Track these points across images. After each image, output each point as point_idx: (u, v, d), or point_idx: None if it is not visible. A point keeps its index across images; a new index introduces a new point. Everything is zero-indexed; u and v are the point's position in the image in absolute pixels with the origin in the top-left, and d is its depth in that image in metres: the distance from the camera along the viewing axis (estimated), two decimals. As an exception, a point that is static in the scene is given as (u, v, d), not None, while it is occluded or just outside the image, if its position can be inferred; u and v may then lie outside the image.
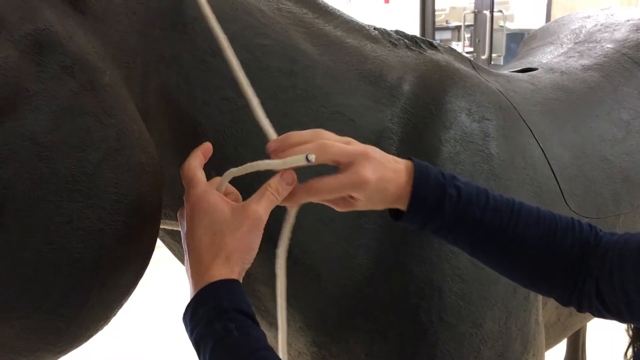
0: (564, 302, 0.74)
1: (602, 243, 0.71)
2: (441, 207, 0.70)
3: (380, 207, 0.72)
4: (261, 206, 0.66)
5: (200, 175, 0.69)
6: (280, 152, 0.68)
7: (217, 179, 0.71)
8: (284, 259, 0.72)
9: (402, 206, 0.71)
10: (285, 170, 0.68)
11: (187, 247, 0.67)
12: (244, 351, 0.59)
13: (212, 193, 0.67)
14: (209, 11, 0.72)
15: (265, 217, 0.66)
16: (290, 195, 0.69)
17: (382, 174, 0.68)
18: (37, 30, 0.56)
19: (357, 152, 0.68)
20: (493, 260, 0.75)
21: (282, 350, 0.72)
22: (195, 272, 0.64)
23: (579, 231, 0.73)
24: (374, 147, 0.70)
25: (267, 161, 0.68)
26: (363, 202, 0.70)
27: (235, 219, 0.65)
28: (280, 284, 0.73)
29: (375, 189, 0.68)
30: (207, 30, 0.74)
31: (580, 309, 0.74)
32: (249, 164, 0.69)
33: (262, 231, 0.67)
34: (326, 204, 0.72)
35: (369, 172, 0.67)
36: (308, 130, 0.70)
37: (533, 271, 0.73)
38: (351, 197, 0.70)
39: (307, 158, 0.65)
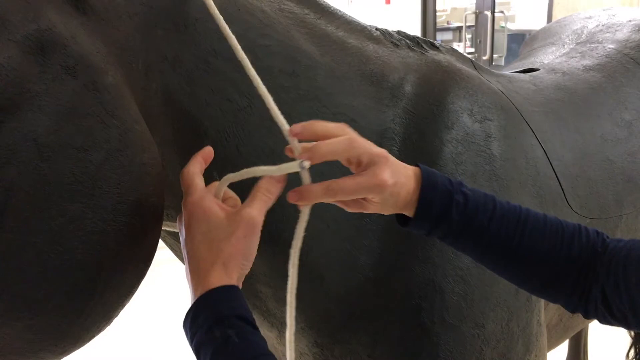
0: (571, 308, 0.74)
1: (609, 249, 0.71)
2: (448, 213, 0.70)
3: (390, 211, 0.72)
4: (254, 209, 0.66)
5: (199, 181, 0.69)
6: (302, 137, 0.68)
7: (215, 184, 0.71)
8: (297, 258, 0.72)
9: (410, 212, 0.71)
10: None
11: (187, 254, 0.67)
12: (244, 357, 0.59)
13: (208, 200, 0.67)
14: (217, 12, 0.71)
15: (260, 220, 0.66)
16: (306, 195, 0.68)
17: (397, 178, 0.68)
18: (39, 31, 0.56)
19: (379, 154, 0.68)
20: (500, 267, 0.74)
21: (289, 349, 0.72)
22: (195, 279, 0.65)
23: (585, 238, 0.72)
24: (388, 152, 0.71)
25: (262, 167, 0.69)
26: (376, 206, 0.70)
27: (230, 225, 0.65)
28: (291, 282, 0.72)
29: (390, 193, 0.68)
30: (210, 30, 0.74)
31: (586, 316, 0.73)
32: (245, 169, 0.69)
33: (259, 234, 0.67)
34: (338, 204, 0.73)
35: (387, 176, 0.67)
36: (333, 123, 0.70)
37: (540, 278, 0.73)
38: (364, 199, 0.70)
39: (301, 165, 0.65)
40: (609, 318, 0.71)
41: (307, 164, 0.65)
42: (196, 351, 0.61)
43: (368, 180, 0.67)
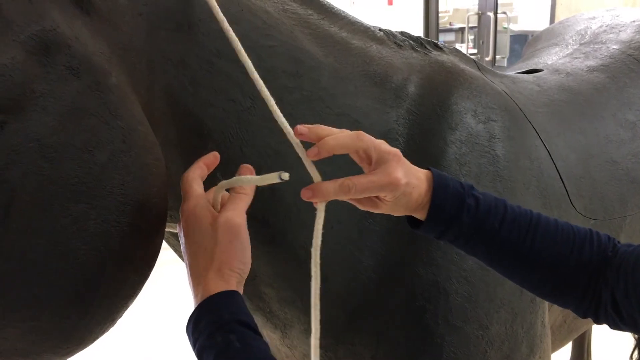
0: (582, 313, 0.74)
1: (619, 254, 0.71)
2: (459, 216, 0.70)
3: (401, 212, 0.72)
4: (230, 211, 0.67)
5: (196, 187, 0.69)
6: (307, 140, 0.68)
7: (213, 189, 0.71)
8: (318, 256, 0.72)
9: (421, 215, 0.72)
10: (243, 165, 0.71)
11: (186, 261, 0.68)
12: None
13: (200, 207, 0.67)
14: (221, 14, 0.71)
15: (239, 221, 0.66)
16: (320, 192, 0.68)
17: (409, 178, 0.69)
18: (43, 31, 0.56)
19: (391, 151, 0.69)
20: (510, 272, 0.74)
21: (314, 355, 0.72)
22: (195, 285, 0.66)
23: (597, 243, 0.72)
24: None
25: (248, 177, 0.70)
26: (388, 205, 0.70)
27: (215, 232, 0.66)
28: (315, 282, 0.72)
29: (403, 193, 0.68)
30: (213, 31, 0.74)
31: (597, 321, 0.73)
32: (235, 177, 0.71)
33: (245, 235, 0.67)
34: (351, 202, 0.73)
35: (400, 174, 0.67)
36: (337, 129, 0.70)
37: (551, 283, 0.73)
38: (377, 197, 0.70)
39: (280, 177, 0.66)
40: (619, 323, 0.71)
41: (286, 175, 0.66)
42: (199, 356, 0.61)
43: (381, 178, 0.67)
